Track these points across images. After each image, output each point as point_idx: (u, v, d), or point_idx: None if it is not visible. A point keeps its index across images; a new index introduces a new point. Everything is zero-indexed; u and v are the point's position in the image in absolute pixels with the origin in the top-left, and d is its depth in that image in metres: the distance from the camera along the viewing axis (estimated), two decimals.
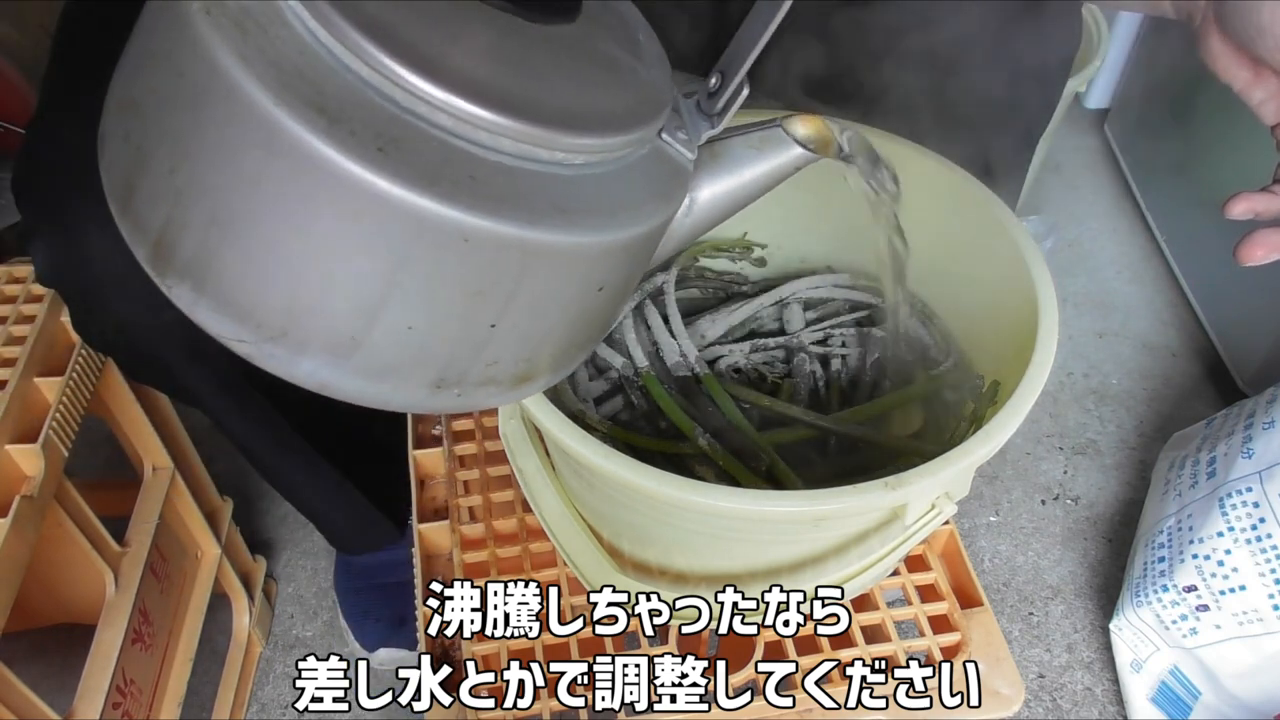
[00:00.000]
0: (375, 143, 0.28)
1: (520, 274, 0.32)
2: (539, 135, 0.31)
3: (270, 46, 0.29)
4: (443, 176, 0.29)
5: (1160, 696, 0.87)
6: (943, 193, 0.52)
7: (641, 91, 0.36)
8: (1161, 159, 1.36)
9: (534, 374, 0.37)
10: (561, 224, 0.31)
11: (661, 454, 0.49)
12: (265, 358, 0.32)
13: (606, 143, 0.33)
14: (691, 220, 0.39)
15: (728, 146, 0.39)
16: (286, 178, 0.29)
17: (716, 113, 0.37)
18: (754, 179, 0.39)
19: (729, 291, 0.60)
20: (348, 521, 0.90)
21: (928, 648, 0.53)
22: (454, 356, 0.33)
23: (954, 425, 0.51)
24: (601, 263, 0.34)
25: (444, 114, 0.30)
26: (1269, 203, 0.42)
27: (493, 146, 0.31)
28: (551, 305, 0.34)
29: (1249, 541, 0.76)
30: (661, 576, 0.49)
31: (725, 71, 0.37)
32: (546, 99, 0.32)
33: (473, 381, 0.35)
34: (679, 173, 0.37)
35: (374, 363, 0.33)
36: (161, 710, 0.76)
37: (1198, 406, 1.16)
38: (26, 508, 0.60)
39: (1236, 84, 0.43)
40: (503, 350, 0.34)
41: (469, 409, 0.36)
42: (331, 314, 0.31)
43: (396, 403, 0.34)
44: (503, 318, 0.33)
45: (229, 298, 0.31)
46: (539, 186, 0.31)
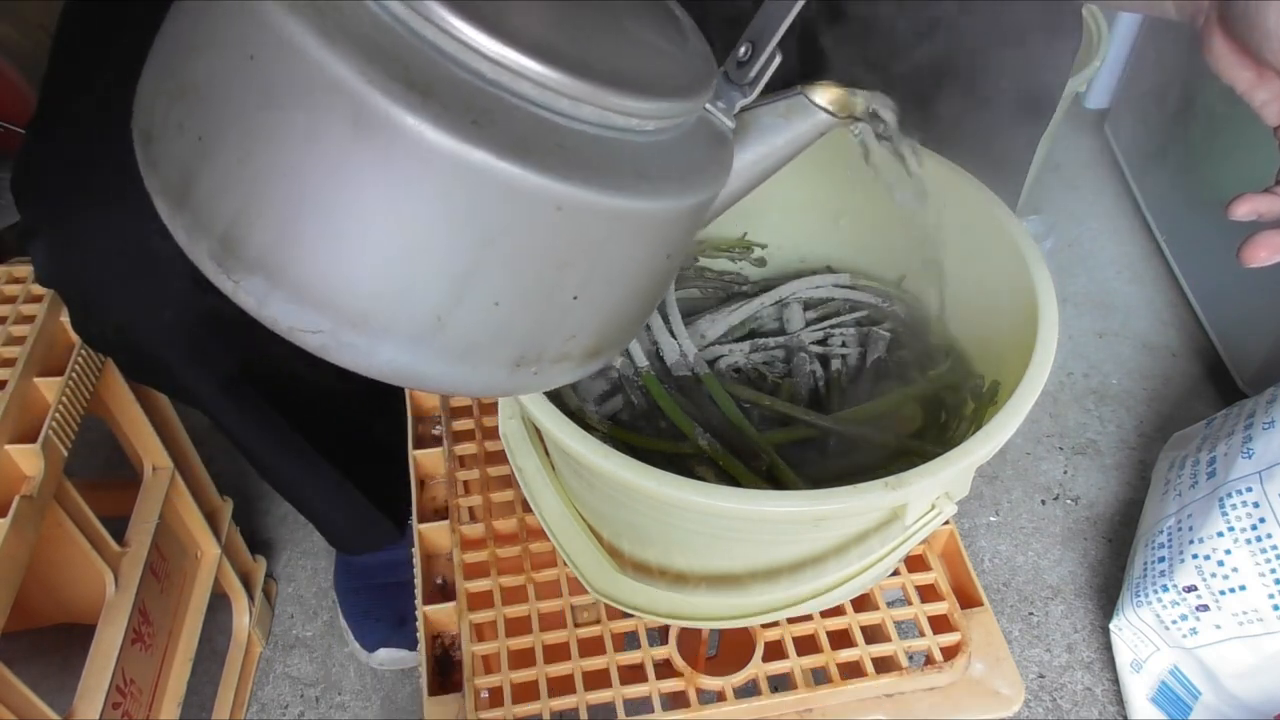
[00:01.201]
0: (468, 115, 0.28)
1: (605, 241, 0.32)
2: (617, 101, 0.31)
3: (348, 23, 0.28)
4: (534, 145, 0.29)
5: (1160, 696, 0.87)
6: (943, 193, 0.52)
7: (693, 59, 0.36)
8: (1161, 159, 1.36)
9: (604, 347, 0.37)
10: (644, 189, 0.32)
11: (661, 454, 0.49)
12: (341, 348, 0.32)
13: (673, 107, 0.33)
14: (728, 190, 0.39)
15: (756, 116, 0.40)
16: (376, 155, 0.28)
17: (748, 82, 0.38)
18: (784, 146, 0.40)
19: (729, 291, 0.60)
20: (348, 521, 0.89)
21: (928, 648, 0.53)
22: (536, 331, 0.33)
23: (954, 425, 0.51)
24: (674, 228, 0.35)
25: (528, 83, 0.29)
26: (1271, 204, 0.42)
27: (574, 115, 0.31)
28: (629, 273, 0.34)
29: (1249, 541, 0.76)
30: (661, 577, 0.49)
31: (756, 41, 0.37)
32: (618, 65, 0.32)
33: (550, 358, 0.34)
34: (725, 141, 0.38)
35: (458, 343, 0.32)
36: (161, 710, 0.76)
37: (1198, 406, 1.16)
38: (26, 508, 0.60)
39: (1239, 85, 0.43)
40: (581, 323, 0.34)
41: (542, 388, 0.36)
42: (418, 294, 0.31)
43: (474, 385, 0.34)
44: (585, 288, 0.33)
45: (307, 286, 0.30)
46: (620, 153, 0.32)
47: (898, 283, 0.58)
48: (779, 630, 0.52)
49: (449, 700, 0.50)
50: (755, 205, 0.59)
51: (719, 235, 0.60)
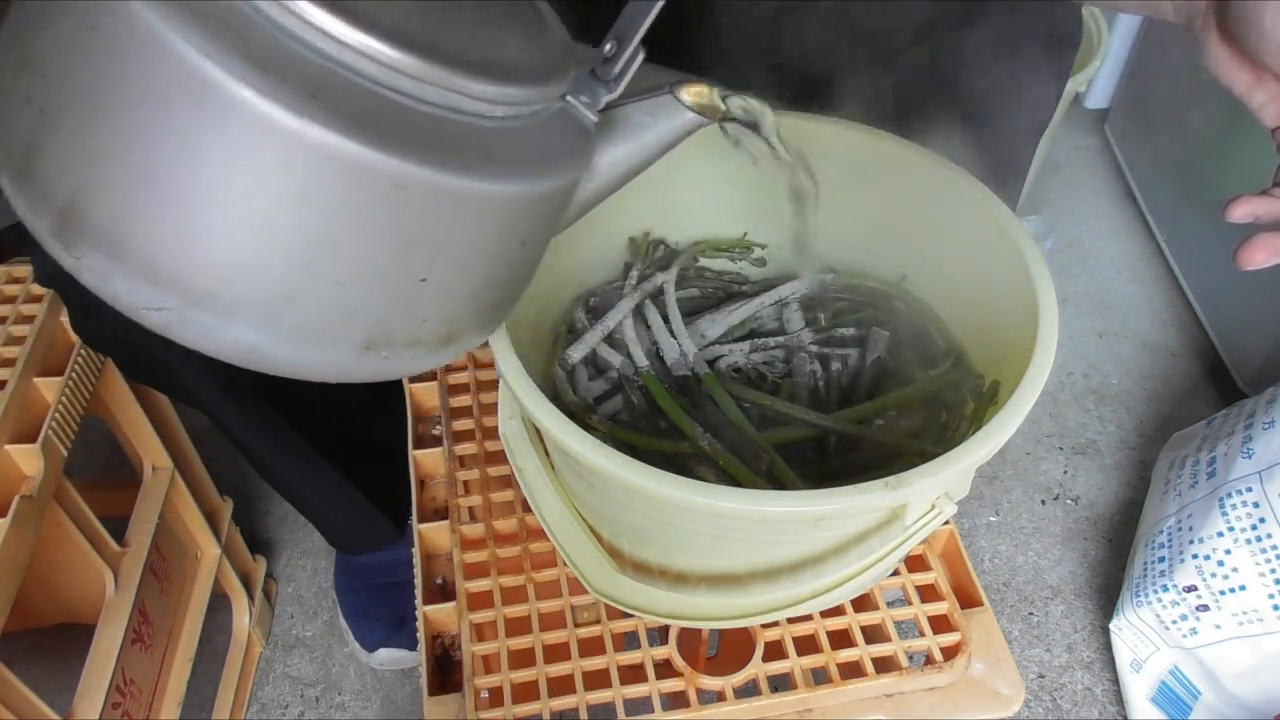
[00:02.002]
0: (306, 90, 0.28)
1: (452, 223, 0.32)
2: (463, 84, 0.31)
3: None
4: (376, 123, 0.29)
5: (1160, 696, 0.87)
6: (943, 193, 0.52)
7: (550, 50, 0.37)
8: (1161, 159, 1.36)
9: (457, 334, 0.37)
10: (492, 171, 0.32)
11: (661, 454, 0.49)
12: (188, 325, 0.31)
13: (524, 94, 0.34)
14: (593, 186, 0.40)
15: (624, 113, 0.40)
16: (216, 130, 0.28)
17: (613, 78, 0.38)
18: (650, 144, 0.41)
19: (729, 291, 0.60)
20: (348, 521, 0.90)
21: (928, 648, 0.53)
22: (384, 313, 0.33)
23: (954, 425, 0.51)
24: (526, 214, 0.35)
25: (371, 62, 0.30)
26: (1269, 206, 0.42)
27: (419, 95, 0.31)
28: (479, 258, 0.34)
29: (1249, 541, 0.76)
30: (661, 577, 0.49)
31: (620, 38, 0.37)
32: (467, 49, 0.32)
33: (401, 342, 0.35)
34: (585, 133, 0.38)
35: (305, 323, 0.32)
36: (161, 710, 0.76)
37: (1198, 406, 1.16)
38: (26, 508, 0.60)
39: (1237, 88, 0.43)
40: (431, 307, 0.34)
41: (396, 374, 0.36)
42: (264, 271, 0.31)
43: (324, 367, 0.34)
44: (432, 271, 0.33)
45: (151, 261, 0.30)
46: (466, 135, 0.32)
47: (898, 283, 0.58)
48: (779, 630, 0.52)
49: (449, 700, 0.50)
50: (755, 205, 0.59)
51: (719, 235, 0.60)
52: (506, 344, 0.43)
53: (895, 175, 0.54)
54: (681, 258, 0.58)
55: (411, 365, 0.36)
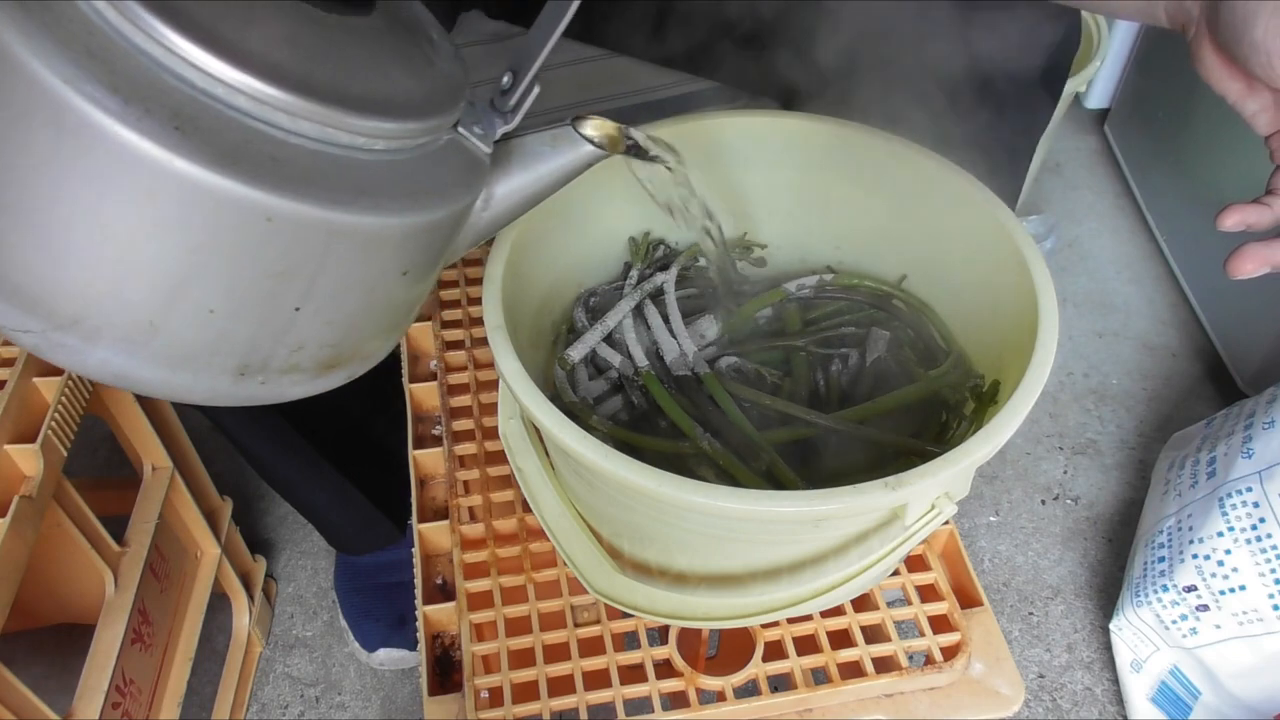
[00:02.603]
0: (171, 122, 0.28)
1: (324, 255, 0.32)
2: (339, 118, 0.31)
3: (56, 24, 0.28)
4: (243, 156, 0.29)
5: (1160, 696, 0.87)
6: (943, 193, 0.52)
7: (437, 83, 0.37)
8: (1161, 159, 1.36)
9: (340, 361, 0.37)
10: (364, 205, 0.32)
11: (661, 454, 0.49)
12: (54, 349, 0.31)
13: (405, 128, 0.34)
14: (490, 214, 0.40)
15: (522, 144, 0.40)
16: (78, 158, 0.28)
17: (509, 110, 0.38)
18: (548, 174, 0.41)
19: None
20: (348, 522, 0.90)
21: (928, 648, 0.53)
22: (257, 341, 0.33)
23: (954, 425, 0.51)
24: (404, 245, 0.35)
25: (242, 95, 0.30)
26: (1260, 214, 0.42)
27: (293, 129, 0.31)
28: (356, 288, 0.34)
29: (1249, 541, 0.76)
30: (661, 577, 0.49)
31: (517, 70, 0.38)
32: (345, 84, 0.32)
33: (277, 368, 0.35)
34: (476, 164, 0.38)
35: (174, 349, 0.32)
36: (161, 710, 0.76)
37: (1198, 406, 1.16)
38: (25, 508, 0.60)
39: (1230, 96, 0.43)
40: (307, 334, 0.34)
41: (274, 399, 0.36)
42: (129, 298, 0.31)
43: (199, 392, 0.34)
44: (307, 301, 0.33)
45: (14, 286, 0.30)
46: (340, 169, 0.32)
47: (898, 283, 0.58)
48: (779, 630, 0.52)
49: (449, 700, 0.50)
50: (755, 205, 0.59)
51: None
52: (506, 344, 0.43)
53: (895, 175, 0.54)
54: (681, 258, 0.58)
55: (291, 390, 0.36)
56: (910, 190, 0.54)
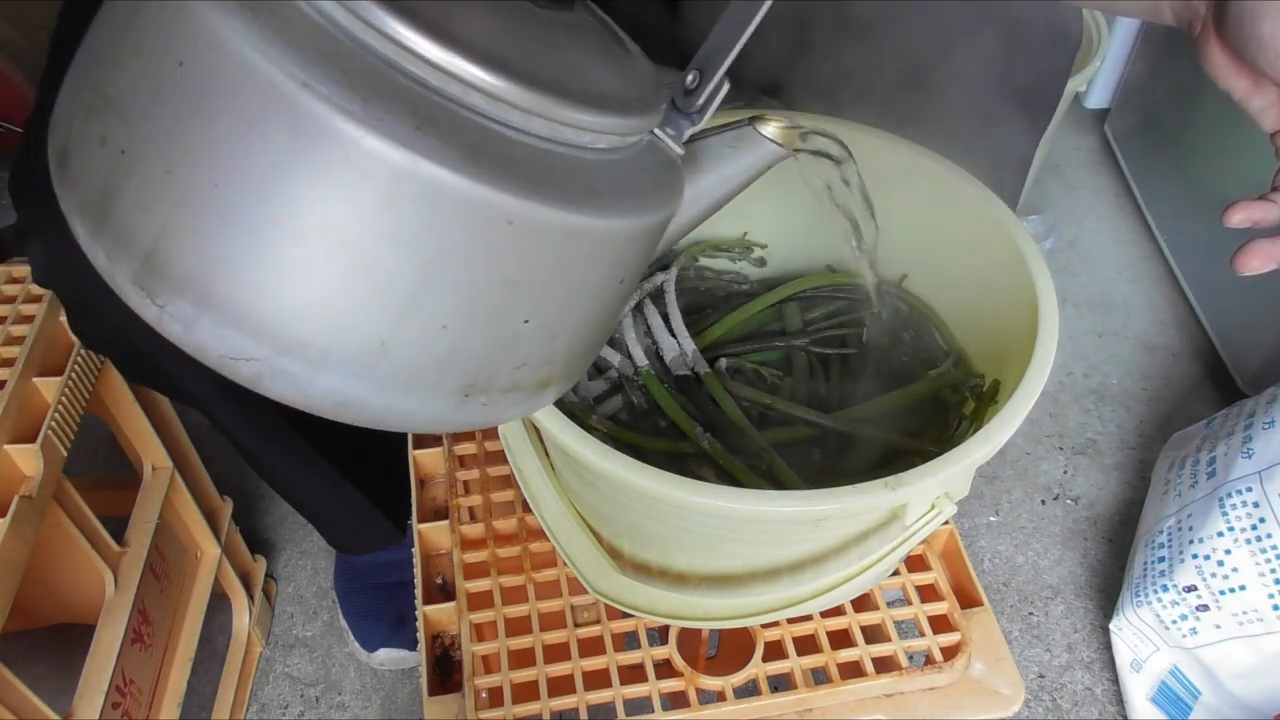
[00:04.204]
0: (412, 121, 0.27)
1: (557, 260, 0.30)
2: (570, 114, 0.30)
3: (286, 28, 0.27)
4: (484, 156, 0.28)
5: (1160, 696, 0.87)
6: (943, 193, 0.52)
7: (641, 81, 0.36)
8: (1161, 159, 1.35)
9: (553, 378, 0.35)
10: (597, 206, 0.31)
11: (661, 454, 0.49)
12: (276, 376, 0.29)
13: (626, 124, 0.33)
14: (681, 219, 0.39)
15: (705, 146, 0.39)
16: (313, 165, 0.27)
17: (696, 110, 0.37)
18: (733, 176, 0.40)
19: (729, 291, 0.60)
20: (348, 521, 0.89)
21: (928, 648, 0.53)
22: (485, 358, 0.32)
23: (954, 425, 0.51)
24: (628, 250, 0.33)
25: (478, 93, 0.28)
26: (1267, 211, 0.42)
27: (524, 128, 0.30)
28: (582, 296, 0.33)
29: (1249, 541, 0.76)
30: (661, 577, 0.49)
31: (704, 69, 0.36)
32: (569, 80, 0.31)
33: (500, 387, 0.33)
34: (674, 166, 0.37)
35: (402, 370, 0.30)
36: (161, 710, 0.76)
37: (1198, 406, 1.16)
38: (25, 508, 0.60)
39: (1236, 92, 0.43)
40: (532, 349, 0.33)
41: (492, 422, 0.34)
42: (362, 315, 0.29)
43: (420, 418, 0.32)
44: (536, 312, 0.31)
45: (240, 308, 0.28)
46: (572, 168, 0.31)
47: (898, 283, 0.58)
48: (779, 630, 0.52)
49: (449, 700, 0.50)
50: (755, 205, 0.59)
51: (719, 235, 0.60)
52: None
53: (896, 175, 0.54)
54: (681, 257, 0.58)
55: (507, 413, 0.34)
56: (910, 190, 0.54)
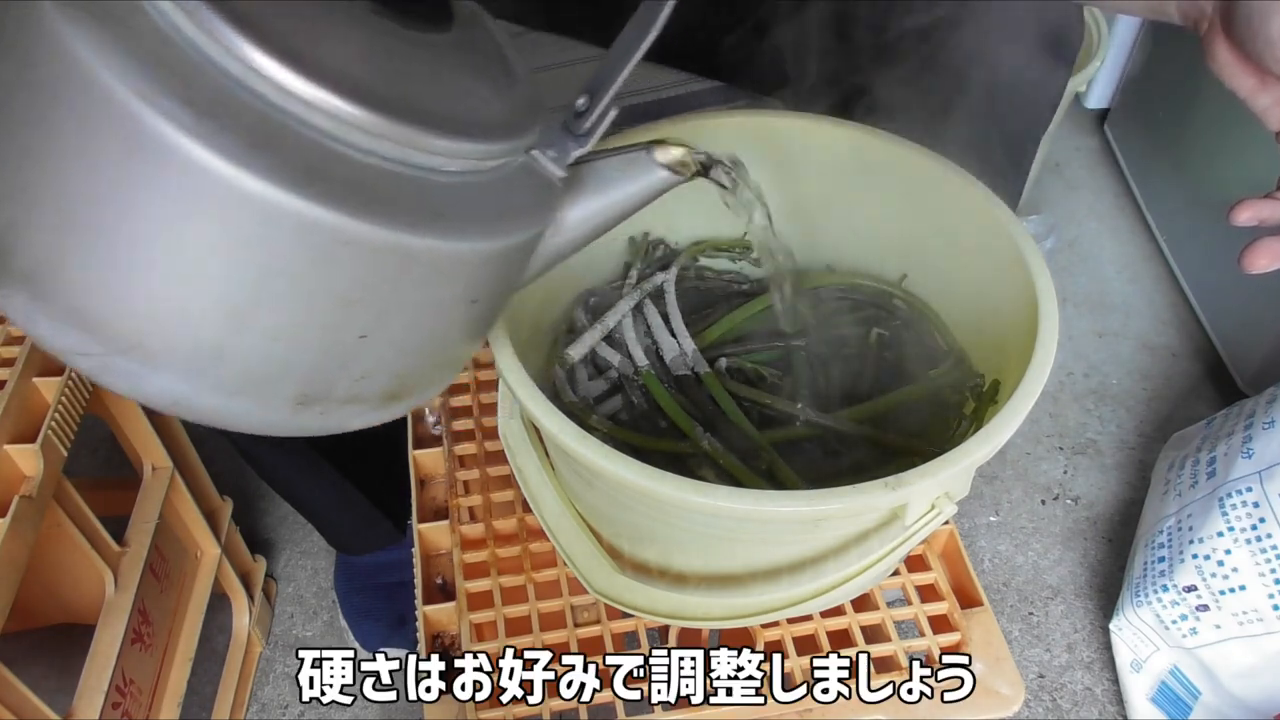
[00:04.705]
0: (248, 139, 0.27)
1: (396, 281, 0.31)
2: (418, 138, 0.30)
3: (131, 38, 0.27)
4: (320, 176, 0.28)
5: (1160, 696, 0.87)
6: (943, 193, 0.52)
7: (515, 104, 0.36)
8: (1161, 159, 1.35)
9: (403, 392, 0.36)
10: (441, 229, 0.31)
11: (661, 454, 0.49)
12: (111, 372, 0.30)
13: (483, 149, 0.33)
14: (560, 239, 0.39)
15: (595, 168, 0.39)
16: (151, 175, 0.27)
17: (584, 133, 0.37)
18: (621, 200, 0.40)
19: (729, 291, 0.60)
20: (348, 521, 0.90)
21: (928, 648, 0.53)
22: (320, 369, 0.32)
23: (954, 425, 0.51)
24: (477, 273, 0.34)
25: (320, 113, 0.29)
26: (1274, 209, 0.42)
27: (371, 149, 0.30)
28: (424, 317, 0.33)
29: (1249, 541, 0.76)
30: (661, 577, 0.49)
31: (593, 92, 0.37)
32: (424, 103, 0.31)
33: (338, 398, 0.33)
34: (549, 189, 0.37)
35: (236, 375, 0.31)
36: (161, 710, 0.76)
37: (1198, 406, 1.16)
38: (25, 508, 0.60)
39: (1242, 91, 0.43)
40: (372, 364, 0.33)
41: (331, 430, 0.35)
42: (194, 321, 0.30)
43: (254, 421, 0.33)
44: (375, 328, 0.32)
45: (76, 306, 0.29)
46: (418, 191, 0.31)
47: (898, 283, 0.58)
48: (779, 630, 0.52)
49: (449, 700, 0.50)
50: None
51: (719, 235, 0.60)
52: (506, 343, 0.43)
53: (896, 175, 0.54)
54: (681, 257, 0.58)
55: (350, 421, 0.35)
56: (910, 190, 0.54)
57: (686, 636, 0.54)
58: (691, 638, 0.54)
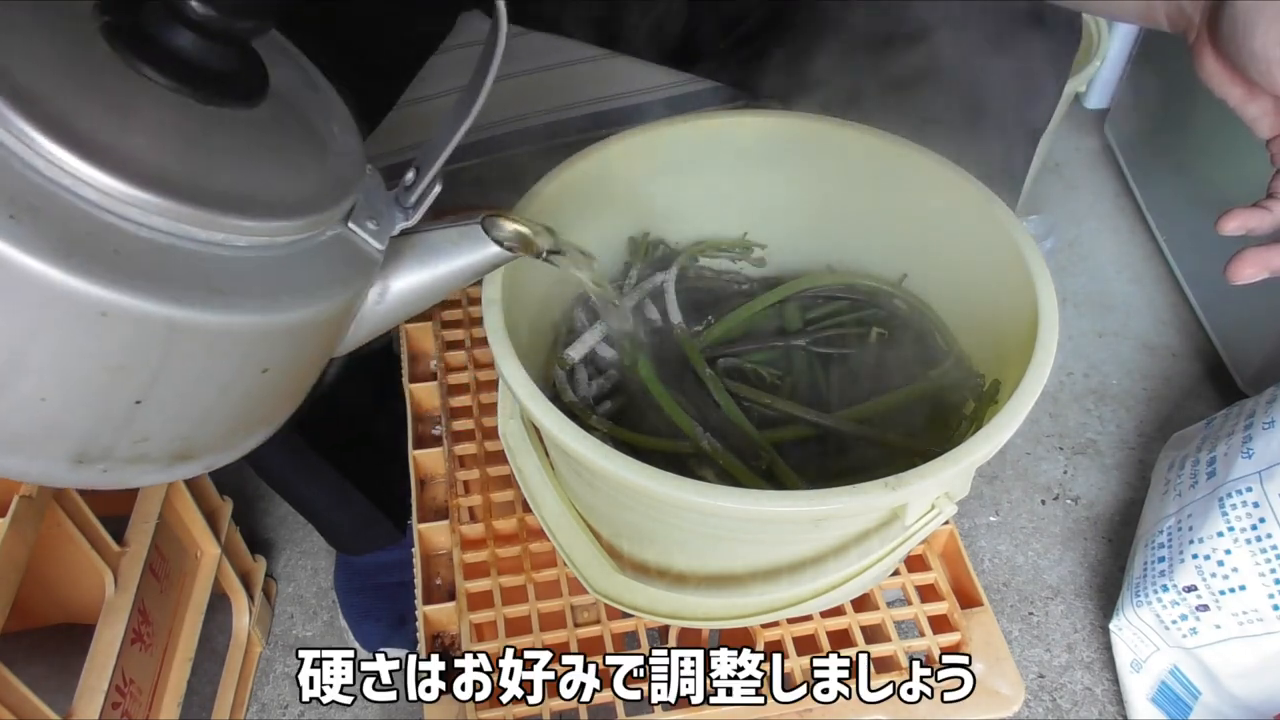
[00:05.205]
0: (7, 210, 0.27)
1: (165, 351, 0.31)
2: (193, 214, 0.30)
3: None
4: (81, 249, 0.28)
5: (1160, 696, 0.87)
6: (943, 193, 0.52)
7: (322, 179, 0.36)
8: (1161, 159, 1.35)
9: (193, 453, 0.36)
10: (214, 303, 0.31)
11: (661, 454, 0.49)
12: None
13: (272, 225, 0.33)
14: (385, 308, 0.39)
15: (426, 239, 0.39)
16: None
17: (410, 205, 0.38)
18: (449, 273, 0.40)
19: (729, 291, 0.60)
20: (348, 521, 0.90)
21: (927, 648, 0.53)
22: (95, 431, 0.32)
23: (954, 425, 0.51)
24: (262, 344, 0.34)
25: (88, 187, 0.29)
26: (1261, 218, 0.42)
27: (143, 222, 0.30)
28: (205, 385, 0.33)
29: (1249, 541, 0.76)
30: (661, 577, 0.49)
31: (420, 167, 0.37)
32: (208, 179, 0.31)
33: (121, 458, 0.34)
34: (363, 261, 0.37)
35: (3, 433, 0.31)
36: (161, 710, 0.76)
37: (1198, 406, 1.16)
38: (25, 508, 0.60)
39: (1231, 100, 0.43)
40: (153, 427, 0.33)
41: (119, 485, 0.35)
42: None
43: (33, 475, 0.33)
44: (149, 395, 0.32)
45: None
46: (193, 265, 0.31)
47: (898, 283, 0.58)
48: (779, 630, 0.52)
49: (449, 700, 0.50)
50: (756, 205, 0.59)
51: (719, 235, 0.60)
52: (506, 344, 0.43)
53: (895, 175, 0.54)
54: (681, 257, 0.58)
55: (139, 479, 0.35)
56: (910, 190, 0.54)
57: (686, 636, 0.54)
58: (691, 638, 0.54)
